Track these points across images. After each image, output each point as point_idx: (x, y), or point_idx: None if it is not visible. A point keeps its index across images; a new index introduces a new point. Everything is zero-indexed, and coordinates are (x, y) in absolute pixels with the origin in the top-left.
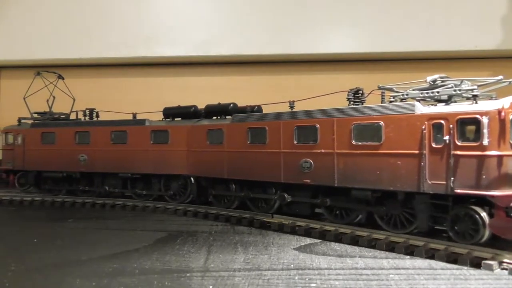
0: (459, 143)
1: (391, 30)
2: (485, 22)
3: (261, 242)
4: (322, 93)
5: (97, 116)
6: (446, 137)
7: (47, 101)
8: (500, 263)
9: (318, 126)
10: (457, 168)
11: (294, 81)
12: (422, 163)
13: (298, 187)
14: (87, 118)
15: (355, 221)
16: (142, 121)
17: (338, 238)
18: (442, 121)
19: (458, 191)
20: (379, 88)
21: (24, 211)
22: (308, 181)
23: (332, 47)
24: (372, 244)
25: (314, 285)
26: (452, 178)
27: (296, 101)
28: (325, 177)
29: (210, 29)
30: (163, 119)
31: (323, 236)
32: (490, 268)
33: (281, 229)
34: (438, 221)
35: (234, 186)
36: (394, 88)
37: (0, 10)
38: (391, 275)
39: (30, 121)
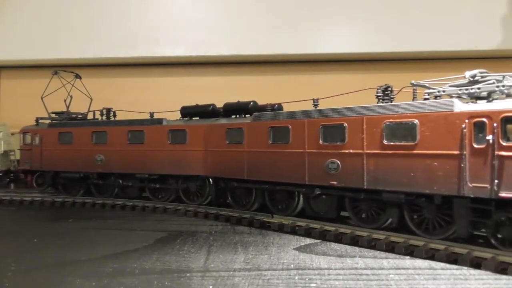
0: (504, 143)
1: (391, 30)
2: (485, 22)
3: (261, 242)
4: (322, 93)
5: (114, 115)
6: (489, 137)
7: (65, 100)
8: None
9: (346, 125)
10: (502, 170)
11: (294, 81)
12: (462, 165)
13: (323, 189)
14: (104, 117)
15: (384, 226)
16: (159, 121)
17: (338, 238)
18: (485, 120)
19: (503, 194)
20: (412, 84)
21: (24, 211)
22: (335, 183)
23: (332, 47)
24: (372, 244)
25: (314, 285)
26: (496, 181)
27: (321, 99)
28: (354, 179)
29: (210, 29)
30: (181, 118)
31: (323, 236)
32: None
33: (281, 229)
34: (477, 226)
35: (254, 187)
36: (427, 85)
37: (0, 11)
38: (391, 275)
39: (47, 121)
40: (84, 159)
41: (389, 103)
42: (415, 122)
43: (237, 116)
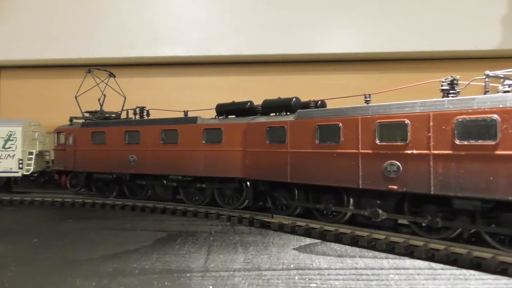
0: None
1: (391, 30)
2: (485, 22)
3: (261, 242)
4: (322, 93)
5: (148, 114)
6: None
7: (99, 99)
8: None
9: (407, 122)
10: None
11: (294, 81)
12: None
13: (379, 194)
14: (137, 116)
15: (452, 236)
16: (194, 119)
17: (338, 238)
18: None
19: None
20: (486, 75)
21: (24, 211)
22: (395, 187)
23: (332, 47)
24: (372, 244)
25: (314, 285)
26: None
27: (373, 94)
28: (418, 183)
29: (210, 29)
30: (216, 117)
31: (323, 236)
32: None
33: (281, 229)
34: None
35: (297, 191)
36: (501, 75)
37: (0, 10)
38: (391, 275)
39: (81, 121)
40: (116, 159)
41: (461, 97)
42: (494, 118)
43: (277, 113)
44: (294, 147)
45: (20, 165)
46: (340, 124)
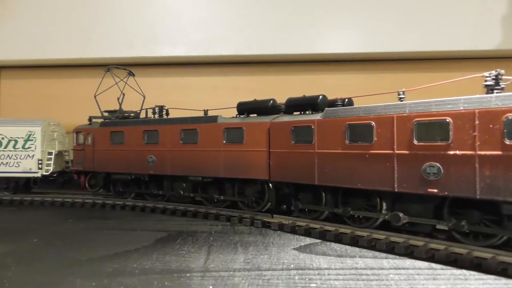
0: None
1: (391, 30)
2: (485, 22)
3: (261, 242)
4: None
5: (167, 114)
6: None
7: (118, 99)
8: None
9: (450, 120)
10: None
11: (294, 81)
12: None
13: (415, 198)
14: (156, 116)
15: (498, 243)
16: (214, 118)
17: (338, 238)
18: None
19: None
20: None
21: (24, 211)
22: (435, 190)
23: (332, 47)
24: (372, 244)
25: (314, 285)
26: None
27: (408, 90)
28: (461, 186)
29: (210, 29)
30: (237, 116)
31: (323, 236)
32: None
33: (281, 229)
34: None
35: (325, 194)
36: None
37: (0, 10)
38: (391, 275)
39: (100, 120)
40: (135, 160)
41: (510, 93)
42: None
43: (302, 112)
44: (322, 148)
45: (40, 166)
46: (373, 123)
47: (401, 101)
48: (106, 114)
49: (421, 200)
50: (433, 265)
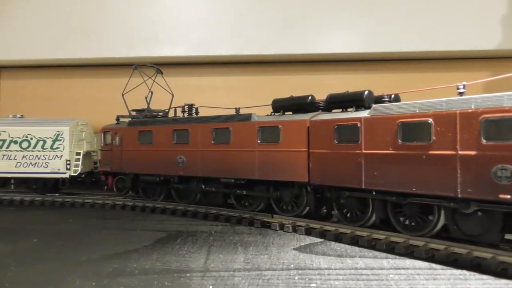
0: None
1: (391, 30)
2: (485, 22)
3: (261, 242)
4: (322, 93)
5: (197, 112)
6: None
7: (146, 97)
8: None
9: None
10: None
11: (294, 81)
12: None
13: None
14: (185, 115)
15: None
16: (248, 116)
17: (338, 238)
18: None
19: None
20: None
21: (24, 211)
22: (508, 196)
23: (332, 47)
24: (372, 244)
25: (314, 285)
26: None
27: (468, 84)
28: None
29: (210, 29)
30: (272, 113)
31: (323, 236)
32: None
33: (281, 229)
34: None
35: (372, 199)
36: None
37: (1, 10)
38: (391, 275)
39: (128, 120)
40: (164, 160)
41: None
42: None
43: (344, 109)
44: (370, 148)
45: (68, 166)
46: (431, 120)
47: (461, 95)
48: (133, 113)
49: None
50: (433, 265)
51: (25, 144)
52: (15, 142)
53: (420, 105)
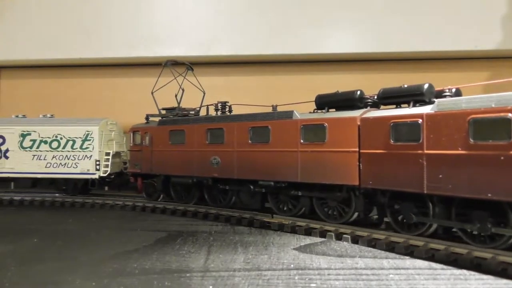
0: None
1: (391, 30)
2: (485, 22)
3: (261, 242)
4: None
5: (230, 110)
6: None
7: (176, 95)
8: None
9: None
10: None
11: (294, 81)
12: None
13: None
14: (218, 113)
15: None
16: (289, 114)
17: (338, 238)
18: None
19: None
20: None
21: (24, 211)
22: None
23: (332, 47)
24: (372, 244)
25: (314, 285)
26: None
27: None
28: None
29: (210, 29)
30: (315, 111)
31: (323, 236)
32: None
33: (281, 229)
34: None
35: (432, 204)
36: None
37: (0, 10)
38: (391, 275)
39: (158, 119)
40: (197, 161)
41: None
42: None
43: (398, 105)
44: (434, 148)
45: (97, 167)
46: (511, 115)
47: None
48: (163, 112)
49: None
50: (433, 265)
51: (55, 144)
52: (45, 142)
53: (497, 99)
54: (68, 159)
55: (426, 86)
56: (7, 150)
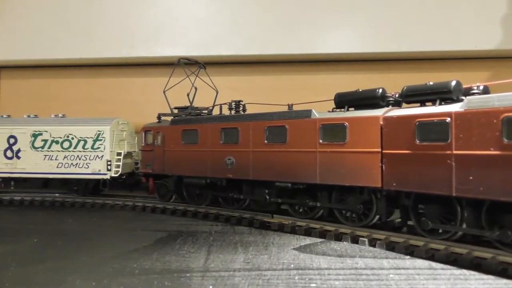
0: None
1: (391, 30)
2: (485, 22)
3: (261, 242)
4: (322, 93)
5: (244, 109)
6: None
7: (187, 94)
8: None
9: None
10: None
11: (294, 81)
12: None
13: None
14: (232, 112)
15: None
16: (307, 113)
17: (338, 238)
18: None
19: None
20: None
21: (24, 211)
22: None
23: (332, 47)
24: (372, 244)
25: (314, 285)
26: None
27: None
28: None
29: (210, 29)
30: (334, 109)
31: (323, 236)
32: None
33: (281, 229)
34: None
35: (461, 208)
36: None
37: (1, 10)
38: (391, 275)
39: (170, 118)
40: (211, 162)
41: None
42: None
43: (422, 104)
44: (463, 148)
45: (109, 167)
46: None
47: None
48: (175, 111)
49: None
50: (433, 265)
51: (66, 144)
52: (57, 142)
53: None
54: (80, 159)
55: (453, 83)
56: (19, 150)
